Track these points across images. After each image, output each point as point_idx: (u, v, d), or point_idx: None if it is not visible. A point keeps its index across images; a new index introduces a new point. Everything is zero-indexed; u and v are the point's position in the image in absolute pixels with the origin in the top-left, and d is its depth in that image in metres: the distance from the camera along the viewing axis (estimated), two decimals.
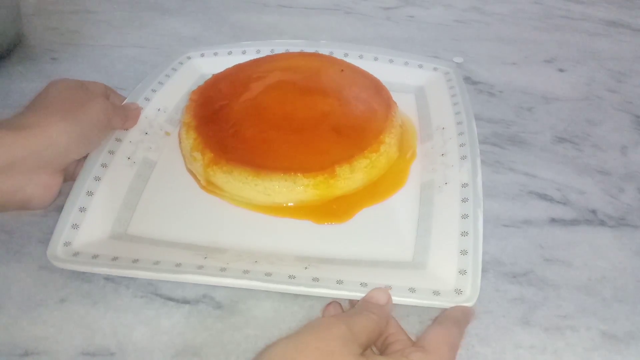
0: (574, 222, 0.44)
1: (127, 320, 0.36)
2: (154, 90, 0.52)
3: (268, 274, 0.36)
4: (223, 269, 0.36)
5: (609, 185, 0.47)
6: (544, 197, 0.46)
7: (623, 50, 0.66)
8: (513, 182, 0.47)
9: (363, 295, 0.34)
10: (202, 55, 0.58)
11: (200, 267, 0.36)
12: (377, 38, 0.68)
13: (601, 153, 0.51)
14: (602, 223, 0.44)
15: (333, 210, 0.43)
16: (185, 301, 0.38)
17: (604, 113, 0.56)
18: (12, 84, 0.58)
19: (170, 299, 0.38)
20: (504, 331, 0.36)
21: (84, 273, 0.37)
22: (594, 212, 0.45)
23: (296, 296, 0.38)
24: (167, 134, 0.50)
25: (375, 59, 0.58)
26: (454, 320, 0.32)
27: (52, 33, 0.68)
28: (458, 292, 0.35)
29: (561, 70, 0.63)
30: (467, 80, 0.60)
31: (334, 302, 0.36)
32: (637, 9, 0.76)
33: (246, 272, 0.36)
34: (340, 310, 0.35)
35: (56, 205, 0.44)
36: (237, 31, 0.69)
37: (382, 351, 0.31)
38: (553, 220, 0.44)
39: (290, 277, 0.36)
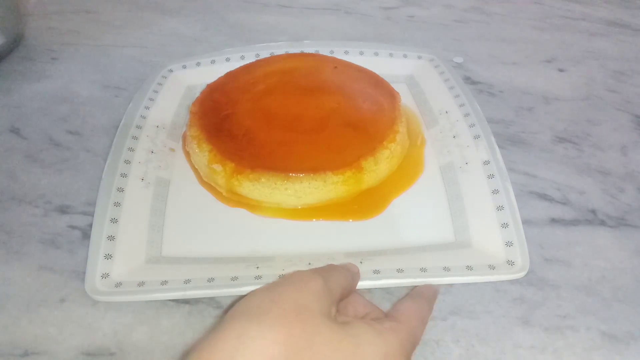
0: (574, 222, 0.44)
1: (127, 320, 0.36)
2: (147, 108, 0.51)
3: None
4: (282, 276, 0.36)
5: (609, 185, 0.47)
6: (544, 197, 0.46)
7: (623, 50, 0.66)
8: (513, 182, 0.47)
9: (425, 280, 0.36)
10: (184, 66, 0.57)
11: (259, 277, 0.36)
12: (377, 38, 0.68)
13: (601, 153, 0.51)
14: (602, 223, 0.44)
15: (363, 206, 0.44)
16: (185, 301, 0.38)
17: (604, 113, 0.56)
18: (12, 84, 0.58)
19: (171, 299, 0.38)
20: (504, 331, 0.36)
21: (82, 273, 0.37)
22: (594, 212, 0.45)
23: None
24: (172, 150, 0.49)
25: (361, 53, 0.59)
26: (425, 296, 0.34)
27: (52, 33, 0.68)
28: (510, 263, 0.37)
29: (561, 70, 0.63)
30: (467, 80, 0.60)
31: None
32: (637, 9, 0.76)
33: None
34: None
35: (56, 205, 0.45)
36: (237, 31, 0.69)
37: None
38: (553, 220, 0.44)
39: None
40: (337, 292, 0.29)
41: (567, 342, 0.36)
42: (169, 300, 0.38)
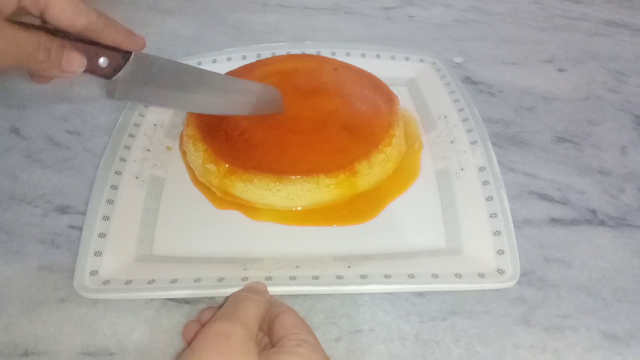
0: (574, 222, 0.44)
1: (127, 320, 0.37)
2: (146, 106, 0.51)
3: (315, 277, 0.36)
4: (269, 278, 0.36)
5: (609, 185, 0.47)
6: (544, 197, 0.46)
7: (623, 50, 0.66)
8: (513, 182, 0.47)
9: (412, 287, 0.36)
10: None
11: (245, 278, 0.36)
12: (377, 38, 0.68)
13: (601, 153, 0.51)
14: (602, 223, 0.44)
15: (356, 211, 0.44)
16: (185, 301, 0.38)
17: (604, 113, 0.56)
18: (12, 84, 0.58)
19: (170, 299, 0.38)
20: (504, 331, 0.36)
21: None
22: (594, 212, 0.45)
23: (296, 296, 0.38)
24: (169, 148, 0.49)
25: (363, 55, 0.58)
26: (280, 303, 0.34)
27: None
28: (500, 272, 0.36)
29: (561, 70, 0.63)
30: (467, 80, 0.60)
31: (210, 308, 0.36)
32: (637, 9, 0.76)
33: (293, 278, 0.36)
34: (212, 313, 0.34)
35: (56, 205, 0.45)
36: (237, 31, 0.69)
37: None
38: (553, 220, 0.44)
39: (338, 277, 0.36)
40: (255, 326, 0.29)
41: (567, 342, 0.36)
42: (169, 300, 0.38)
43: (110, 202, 0.41)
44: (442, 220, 0.43)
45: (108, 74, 0.34)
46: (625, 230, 0.43)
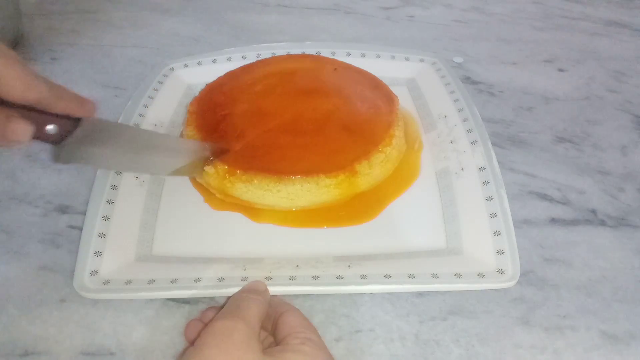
0: (574, 222, 0.44)
1: (127, 320, 0.37)
2: (146, 106, 0.51)
3: (315, 277, 0.36)
4: (269, 278, 0.36)
5: (609, 185, 0.47)
6: (544, 197, 0.46)
7: (623, 50, 0.66)
8: (513, 182, 0.47)
9: (412, 287, 0.36)
10: (186, 65, 0.57)
11: (245, 278, 0.36)
12: (377, 38, 0.68)
13: (601, 153, 0.51)
14: (602, 223, 0.44)
15: (357, 211, 0.43)
16: (185, 301, 0.38)
17: (604, 113, 0.56)
18: None
19: (171, 299, 0.38)
20: (504, 331, 0.36)
21: None
22: (594, 212, 0.45)
23: (296, 296, 0.38)
24: None
25: (363, 55, 0.58)
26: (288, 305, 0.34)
27: (52, 33, 0.68)
28: (500, 272, 0.36)
29: (561, 70, 0.63)
30: (467, 80, 0.60)
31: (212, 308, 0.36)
32: (637, 9, 0.76)
33: (293, 278, 0.36)
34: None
35: (56, 205, 0.45)
36: (237, 31, 0.69)
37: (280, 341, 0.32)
38: (553, 220, 0.44)
39: (338, 277, 0.36)
40: (257, 324, 0.30)
41: (567, 342, 0.36)
42: (169, 299, 0.38)
43: (110, 202, 0.41)
44: (442, 220, 0.43)
45: (56, 140, 0.34)
46: (625, 230, 0.43)
